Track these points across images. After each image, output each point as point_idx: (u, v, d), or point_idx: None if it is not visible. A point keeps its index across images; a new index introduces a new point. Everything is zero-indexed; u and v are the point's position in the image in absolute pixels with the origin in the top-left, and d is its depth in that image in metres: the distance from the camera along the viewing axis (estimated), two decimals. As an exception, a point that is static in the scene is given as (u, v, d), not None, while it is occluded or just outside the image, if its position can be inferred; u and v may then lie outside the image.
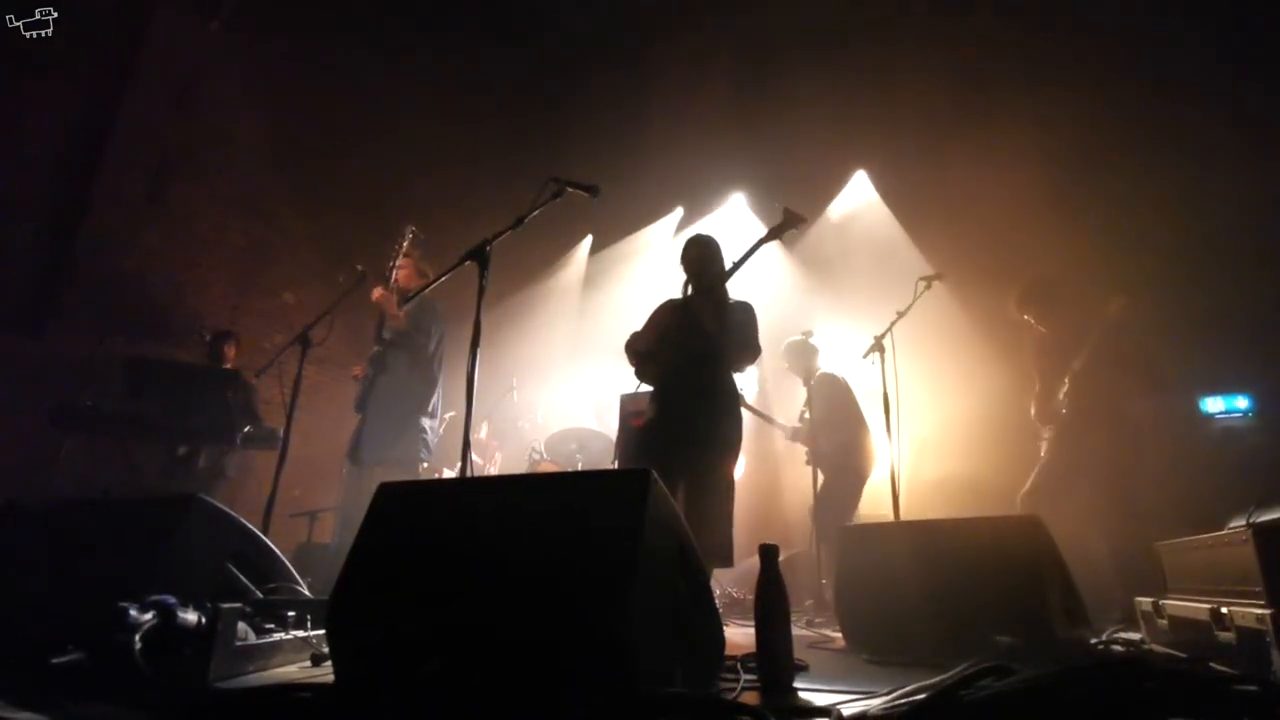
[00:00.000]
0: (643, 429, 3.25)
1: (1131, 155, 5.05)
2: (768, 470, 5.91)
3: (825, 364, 4.87)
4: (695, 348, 3.16)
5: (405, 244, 4.05)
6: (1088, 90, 5.21)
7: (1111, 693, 1.14)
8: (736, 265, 3.30)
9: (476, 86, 6.68)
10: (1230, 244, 4.73)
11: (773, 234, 3.37)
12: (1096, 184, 5.19)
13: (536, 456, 5.50)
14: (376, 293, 3.96)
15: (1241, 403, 4.56)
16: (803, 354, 4.83)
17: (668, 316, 3.39)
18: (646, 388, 3.39)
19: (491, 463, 5.94)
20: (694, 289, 3.36)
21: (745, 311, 3.31)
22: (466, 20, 6.36)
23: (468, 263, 2.61)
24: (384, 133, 6.55)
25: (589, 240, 7.47)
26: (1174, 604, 2.21)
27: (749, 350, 3.22)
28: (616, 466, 3.38)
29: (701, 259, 3.36)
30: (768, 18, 5.96)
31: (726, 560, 3.01)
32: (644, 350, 3.30)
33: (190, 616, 1.77)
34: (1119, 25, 5.05)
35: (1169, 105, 4.94)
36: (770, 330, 5.84)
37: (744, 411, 5.22)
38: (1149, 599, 2.42)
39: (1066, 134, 5.23)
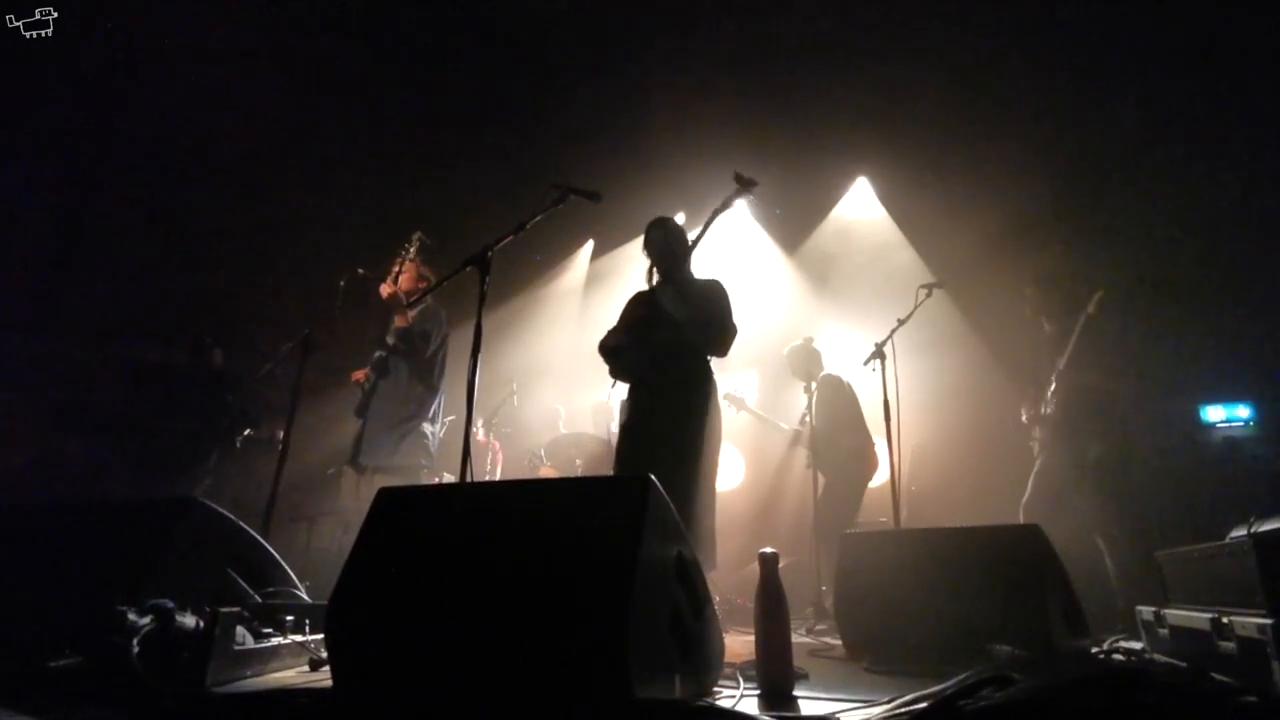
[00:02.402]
0: (620, 431, 3.12)
1: (1134, 164, 5.07)
2: (767, 475, 5.90)
3: (829, 367, 4.86)
4: (662, 340, 3.02)
5: (412, 250, 4.04)
6: (1090, 99, 5.22)
7: (1112, 704, 1.13)
8: (693, 243, 3.16)
9: (478, 91, 6.70)
10: (1235, 252, 4.74)
11: (726, 203, 3.21)
12: (1098, 193, 5.20)
13: (537, 461, 5.50)
14: (386, 288, 3.95)
15: (1243, 412, 4.56)
16: (805, 358, 4.81)
17: (637, 310, 3.26)
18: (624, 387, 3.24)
19: (494, 465, 5.93)
20: (658, 276, 3.24)
21: (713, 290, 3.12)
22: (467, 24, 6.39)
23: (468, 268, 2.61)
24: (386, 137, 6.56)
25: (590, 245, 7.49)
26: (1175, 614, 2.20)
27: (722, 331, 3.01)
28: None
29: (663, 243, 3.21)
30: (770, 25, 5.98)
31: (709, 563, 2.85)
32: (613, 346, 3.16)
33: (188, 620, 1.77)
34: (1120, 35, 5.06)
35: (1171, 114, 4.95)
36: (772, 336, 5.88)
37: (744, 414, 5.30)
38: (1150, 608, 2.41)
39: (1068, 143, 5.25)
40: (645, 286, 3.33)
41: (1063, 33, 5.20)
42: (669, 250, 3.19)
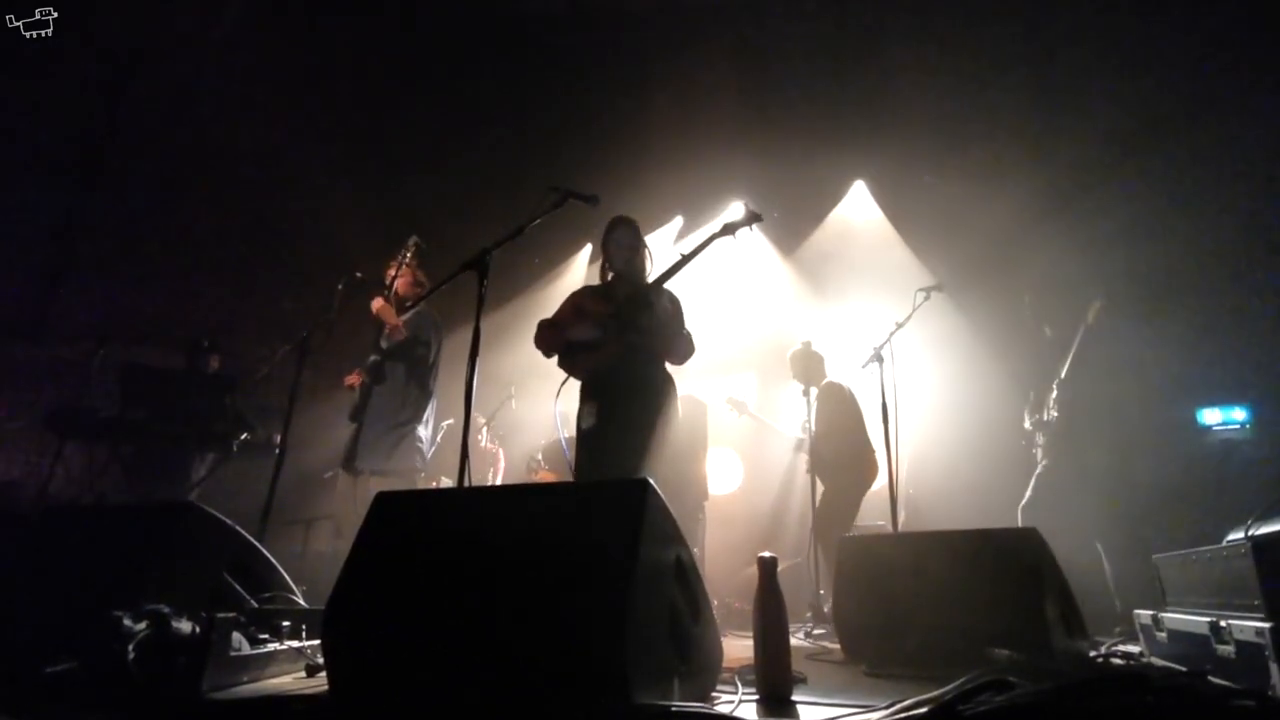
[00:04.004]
0: (587, 435, 2.95)
1: (1130, 166, 5.08)
2: (766, 479, 5.90)
3: (831, 372, 4.85)
4: (633, 341, 2.95)
5: (409, 254, 4.03)
6: (1087, 101, 5.24)
7: (1111, 707, 1.13)
8: (688, 258, 3.09)
9: (477, 95, 6.72)
10: (1229, 256, 4.75)
11: (727, 229, 3.18)
12: (1096, 196, 5.21)
13: (535, 465, 5.50)
14: (377, 303, 3.93)
15: (1239, 414, 4.57)
16: (806, 362, 4.79)
17: (595, 305, 3.12)
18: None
19: (495, 472, 5.92)
20: (619, 275, 3.17)
21: (675, 302, 3.16)
22: (466, 29, 6.40)
23: (466, 271, 2.60)
24: (385, 140, 6.57)
25: (588, 249, 7.49)
26: (1173, 617, 2.21)
27: (687, 342, 3.05)
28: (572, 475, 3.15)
29: (634, 242, 3.18)
30: (768, 28, 6.00)
31: None
32: (579, 340, 3.03)
33: (184, 626, 1.76)
34: (1118, 36, 5.08)
35: (1168, 116, 4.96)
36: (769, 340, 5.88)
37: (746, 419, 5.29)
38: (1148, 612, 2.42)
39: (1065, 144, 5.26)
40: (597, 282, 3.25)
41: (1059, 34, 5.22)
42: (639, 251, 3.17)
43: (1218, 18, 4.76)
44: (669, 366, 3.10)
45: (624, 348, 2.97)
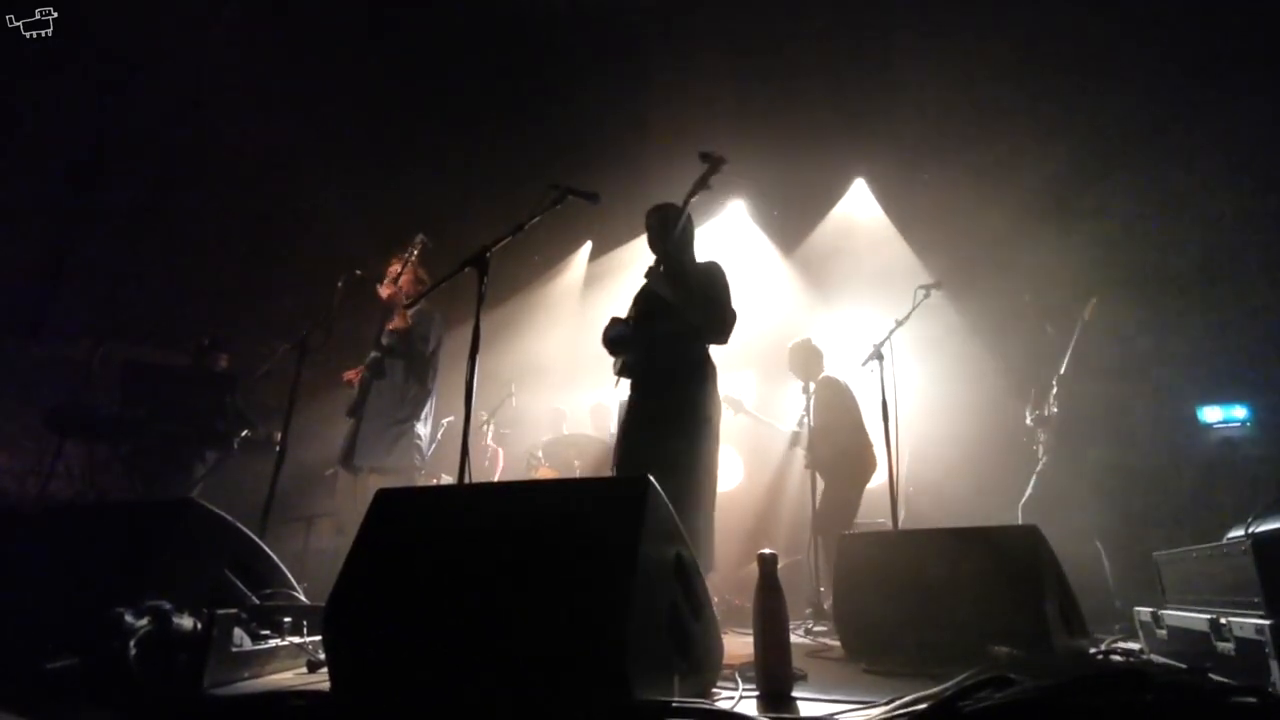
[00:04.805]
0: (619, 431, 3.06)
1: (1131, 166, 5.08)
2: (766, 476, 5.90)
3: (829, 367, 4.85)
4: (663, 331, 2.95)
5: (414, 253, 4.02)
6: (1087, 100, 5.24)
7: (1111, 704, 1.13)
8: (671, 230, 3.07)
9: (477, 93, 6.71)
10: (1230, 254, 4.75)
11: (699, 185, 3.10)
12: (1096, 194, 5.21)
13: (535, 462, 5.50)
14: (386, 290, 3.94)
15: (1239, 412, 4.57)
16: (805, 357, 4.78)
17: (637, 303, 3.22)
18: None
19: (493, 467, 5.93)
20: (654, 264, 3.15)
21: (710, 274, 3.04)
22: (467, 27, 6.40)
23: (466, 269, 2.60)
24: (385, 139, 6.56)
25: (588, 246, 7.49)
26: (1173, 614, 2.21)
27: (721, 313, 2.93)
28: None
29: (657, 228, 3.15)
30: (767, 26, 6.00)
31: (707, 565, 2.65)
32: (615, 336, 3.07)
33: (186, 622, 1.76)
34: (1119, 35, 5.08)
35: (1169, 116, 4.96)
36: (769, 337, 5.88)
37: (743, 416, 5.29)
38: (1148, 609, 2.42)
39: (1066, 143, 5.26)
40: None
41: (1059, 31, 5.21)
42: (662, 234, 3.13)
43: (1218, 17, 4.75)
44: (714, 350, 3.02)
45: (651, 341, 2.97)
